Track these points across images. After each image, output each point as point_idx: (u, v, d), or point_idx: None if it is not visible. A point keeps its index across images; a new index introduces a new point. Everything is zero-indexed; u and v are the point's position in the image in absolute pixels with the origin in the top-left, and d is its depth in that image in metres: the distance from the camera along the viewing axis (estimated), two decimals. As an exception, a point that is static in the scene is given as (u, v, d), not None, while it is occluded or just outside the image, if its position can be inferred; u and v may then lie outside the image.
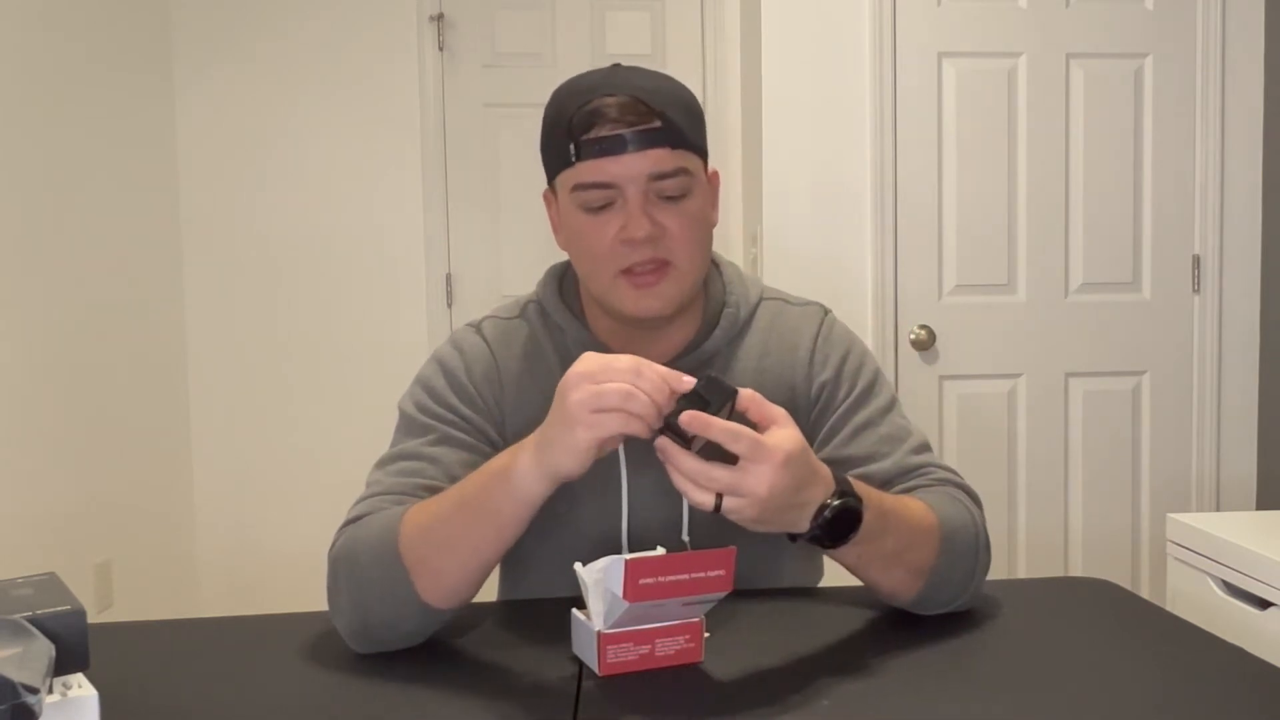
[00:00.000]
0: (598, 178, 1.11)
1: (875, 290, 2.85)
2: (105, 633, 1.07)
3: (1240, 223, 2.90)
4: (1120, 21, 2.86)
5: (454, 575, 1.02)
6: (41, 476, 2.63)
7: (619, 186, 1.11)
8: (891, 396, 1.25)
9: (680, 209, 1.14)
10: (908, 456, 1.19)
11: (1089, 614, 1.16)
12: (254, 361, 3.32)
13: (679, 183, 1.13)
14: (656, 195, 1.12)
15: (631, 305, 1.15)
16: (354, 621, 1.04)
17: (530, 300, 1.27)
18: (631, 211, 1.11)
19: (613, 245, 1.13)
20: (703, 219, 1.17)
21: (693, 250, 1.15)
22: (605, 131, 1.10)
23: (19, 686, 0.68)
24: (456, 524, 1.01)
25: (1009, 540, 2.92)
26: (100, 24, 2.93)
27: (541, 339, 1.23)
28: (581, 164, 1.12)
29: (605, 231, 1.13)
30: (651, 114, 1.10)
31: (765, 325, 1.25)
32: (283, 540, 3.34)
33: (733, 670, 0.98)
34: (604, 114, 1.10)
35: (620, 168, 1.10)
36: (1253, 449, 2.93)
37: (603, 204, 1.13)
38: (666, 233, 1.13)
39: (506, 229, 3.40)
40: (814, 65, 2.82)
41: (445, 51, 3.35)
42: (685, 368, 1.08)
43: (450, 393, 1.19)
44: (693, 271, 1.17)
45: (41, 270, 2.64)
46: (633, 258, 1.13)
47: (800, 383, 1.23)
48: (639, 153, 1.10)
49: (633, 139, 1.10)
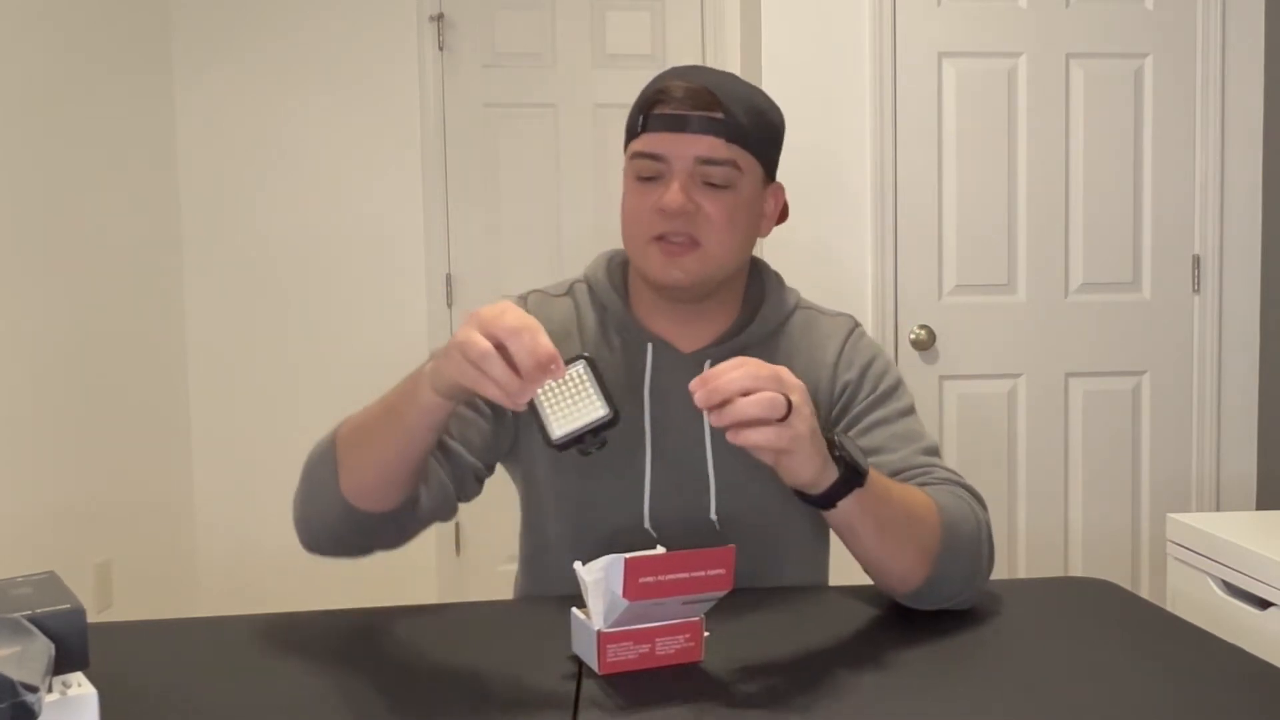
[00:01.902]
0: (653, 149, 1.20)
1: (875, 290, 2.85)
2: (105, 632, 1.07)
3: (1240, 223, 2.90)
4: (1120, 21, 2.86)
5: (368, 473, 1.10)
6: (41, 476, 2.63)
7: (669, 161, 1.19)
8: (910, 404, 1.29)
9: (721, 197, 1.20)
10: (915, 455, 1.23)
11: (1089, 614, 1.17)
12: (254, 361, 3.32)
13: (725, 173, 1.20)
14: (702, 179, 1.19)
15: (658, 271, 1.22)
16: (297, 514, 1.17)
17: (578, 280, 1.34)
18: (672, 185, 1.19)
19: (651, 212, 1.20)
20: (743, 213, 1.23)
21: (724, 237, 1.21)
22: (669, 110, 1.19)
23: (18, 685, 0.68)
24: (375, 425, 1.09)
25: (1009, 540, 2.92)
26: (100, 24, 2.93)
27: (585, 315, 1.30)
28: (644, 135, 1.21)
29: (648, 199, 1.21)
30: (716, 105, 1.18)
31: (798, 330, 1.32)
32: (283, 540, 3.31)
33: (733, 669, 0.98)
34: (672, 94, 1.19)
35: (674, 145, 1.19)
36: (1253, 449, 2.93)
37: (652, 175, 1.21)
38: (701, 212, 1.19)
39: (506, 229, 3.40)
40: (814, 65, 2.82)
41: (445, 51, 3.35)
42: (719, 356, 1.21)
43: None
44: (722, 256, 1.22)
45: (41, 270, 2.64)
46: (664, 226, 1.20)
47: (825, 382, 1.28)
48: (694, 135, 1.18)
49: (693, 122, 1.18)
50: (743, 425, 0.95)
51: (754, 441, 0.95)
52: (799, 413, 0.96)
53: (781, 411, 0.94)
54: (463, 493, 1.24)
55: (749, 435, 0.95)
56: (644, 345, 1.27)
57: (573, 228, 3.41)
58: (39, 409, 2.63)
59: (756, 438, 0.95)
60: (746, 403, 0.94)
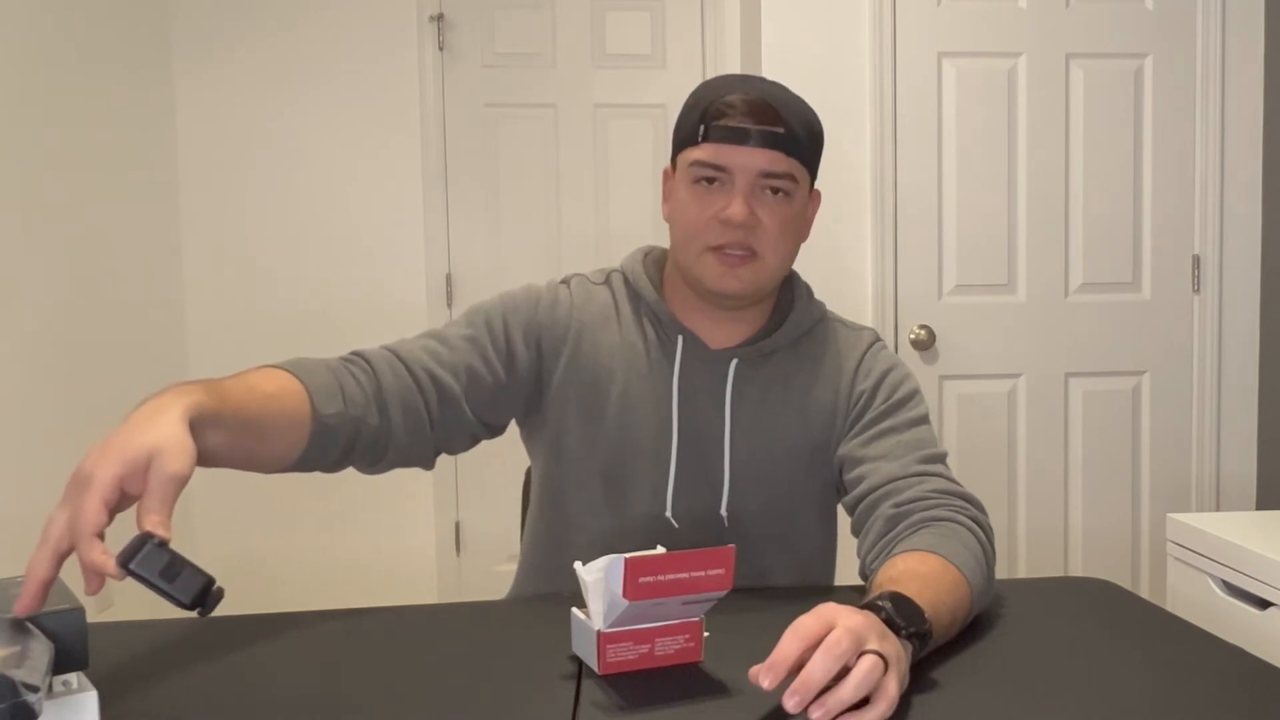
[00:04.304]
0: (717, 159, 1.22)
1: (875, 290, 2.85)
2: (105, 632, 1.07)
3: (1240, 223, 2.90)
4: (1120, 21, 2.86)
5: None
6: (41, 476, 2.63)
7: (731, 172, 1.22)
8: (923, 414, 1.30)
9: (779, 208, 1.24)
10: (913, 464, 1.23)
11: (1089, 614, 1.16)
12: (253, 360, 3.29)
13: (784, 184, 1.23)
14: (761, 190, 1.23)
15: (714, 280, 1.25)
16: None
17: (615, 270, 1.37)
18: (736, 196, 1.22)
19: (710, 221, 1.23)
20: (796, 224, 1.27)
21: (780, 248, 1.25)
22: (734, 122, 1.21)
23: (19, 685, 0.68)
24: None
25: (1009, 540, 2.92)
26: (100, 23, 2.93)
27: (621, 304, 1.33)
28: (706, 144, 1.23)
29: (708, 207, 1.23)
30: (779, 120, 1.22)
31: (821, 339, 1.35)
32: (281, 541, 3.34)
33: (733, 670, 0.98)
34: (737, 107, 1.22)
35: (739, 157, 1.22)
36: (1253, 449, 2.93)
37: (711, 180, 1.24)
38: (760, 225, 1.23)
39: (506, 229, 3.40)
40: (814, 65, 2.82)
41: (445, 51, 3.35)
42: (745, 357, 1.26)
43: (516, 315, 1.30)
44: (776, 266, 1.26)
45: (41, 269, 2.64)
46: (725, 237, 1.23)
47: (844, 388, 1.31)
48: (759, 149, 1.21)
49: (756, 136, 1.21)
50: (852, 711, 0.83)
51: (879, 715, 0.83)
52: (895, 663, 0.86)
53: (881, 671, 0.84)
54: (447, 443, 1.26)
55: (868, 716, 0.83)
56: (675, 337, 1.29)
57: (572, 227, 3.41)
58: (39, 409, 2.63)
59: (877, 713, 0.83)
60: (848, 691, 0.82)
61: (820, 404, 1.29)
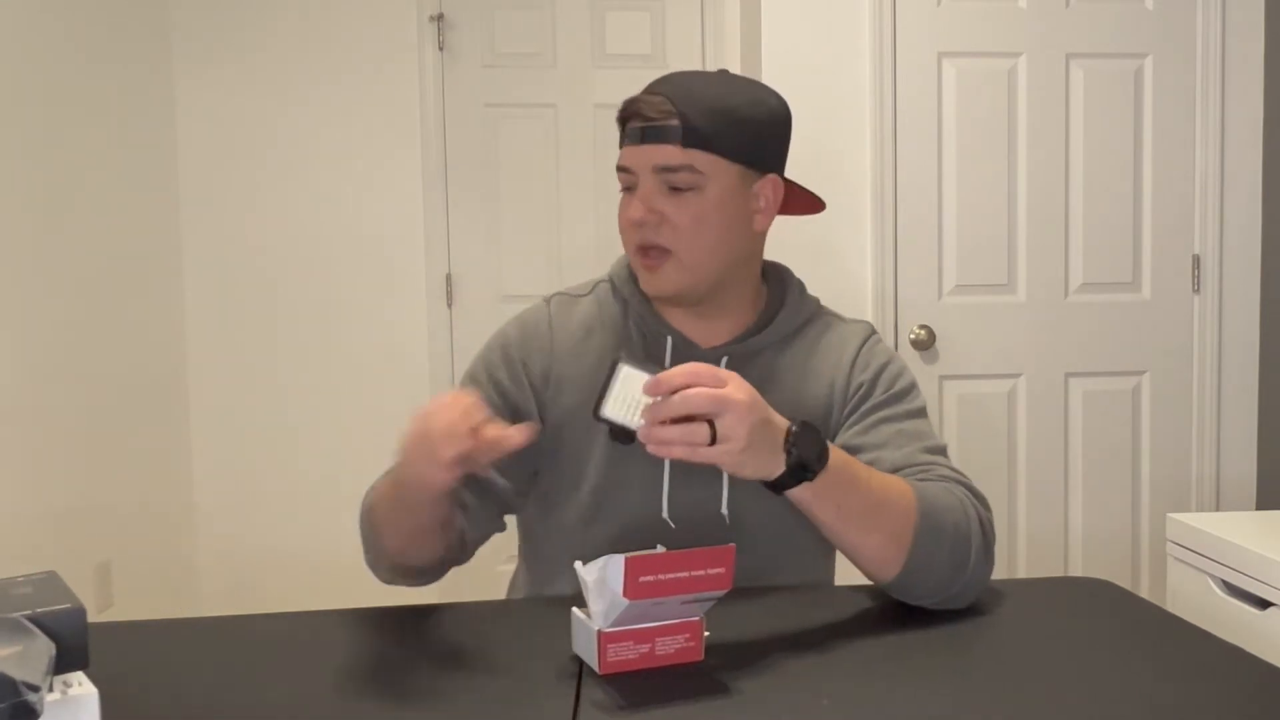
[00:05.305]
0: (624, 162, 1.25)
1: (875, 290, 2.85)
2: (105, 632, 1.07)
3: (1240, 223, 2.90)
4: (1120, 21, 2.86)
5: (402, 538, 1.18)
6: (41, 476, 2.63)
7: (635, 173, 1.24)
8: (921, 407, 1.30)
9: (685, 201, 1.22)
10: (918, 453, 1.23)
11: (1089, 614, 1.17)
12: (254, 361, 3.32)
13: (685, 178, 1.21)
14: (666, 186, 1.22)
15: (644, 283, 1.28)
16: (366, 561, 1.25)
17: (602, 279, 1.38)
18: (636, 196, 1.23)
19: (626, 225, 1.26)
20: (714, 214, 1.24)
21: (694, 241, 1.23)
22: (634, 124, 1.23)
23: (20, 684, 0.68)
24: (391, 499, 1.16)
25: (1009, 540, 2.92)
26: (100, 23, 2.93)
27: (607, 311, 1.33)
28: (622, 149, 1.26)
29: (623, 211, 1.26)
30: (672, 113, 1.20)
31: (815, 334, 1.34)
32: (283, 540, 3.34)
33: (733, 669, 0.98)
34: (636, 108, 1.23)
35: (637, 156, 1.23)
36: (1253, 449, 2.93)
37: (628, 186, 1.26)
38: (666, 221, 1.22)
39: (506, 229, 3.40)
40: (814, 65, 2.82)
41: (445, 51, 3.35)
42: (736, 354, 1.27)
43: (501, 364, 1.32)
44: (697, 260, 1.24)
45: (41, 270, 2.64)
46: (637, 239, 1.25)
47: (840, 381, 1.30)
48: (650, 145, 1.22)
49: (648, 132, 1.22)
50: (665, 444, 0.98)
51: (675, 455, 0.98)
52: (728, 437, 0.98)
53: (703, 439, 0.97)
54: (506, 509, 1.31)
55: (672, 451, 0.98)
56: (663, 339, 1.29)
57: (572, 228, 3.41)
58: (39, 410, 2.63)
59: (678, 453, 0.98)
60: (670, 433, 0.97)
61: (816, 398, 1.29)
